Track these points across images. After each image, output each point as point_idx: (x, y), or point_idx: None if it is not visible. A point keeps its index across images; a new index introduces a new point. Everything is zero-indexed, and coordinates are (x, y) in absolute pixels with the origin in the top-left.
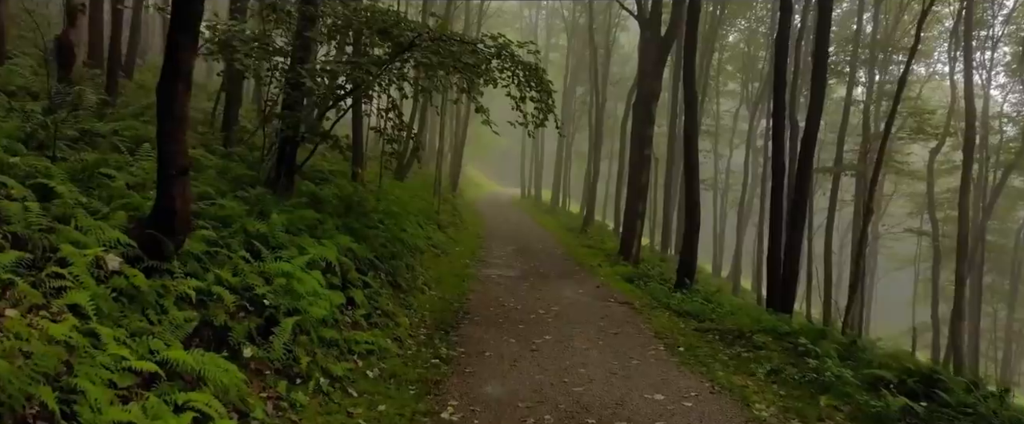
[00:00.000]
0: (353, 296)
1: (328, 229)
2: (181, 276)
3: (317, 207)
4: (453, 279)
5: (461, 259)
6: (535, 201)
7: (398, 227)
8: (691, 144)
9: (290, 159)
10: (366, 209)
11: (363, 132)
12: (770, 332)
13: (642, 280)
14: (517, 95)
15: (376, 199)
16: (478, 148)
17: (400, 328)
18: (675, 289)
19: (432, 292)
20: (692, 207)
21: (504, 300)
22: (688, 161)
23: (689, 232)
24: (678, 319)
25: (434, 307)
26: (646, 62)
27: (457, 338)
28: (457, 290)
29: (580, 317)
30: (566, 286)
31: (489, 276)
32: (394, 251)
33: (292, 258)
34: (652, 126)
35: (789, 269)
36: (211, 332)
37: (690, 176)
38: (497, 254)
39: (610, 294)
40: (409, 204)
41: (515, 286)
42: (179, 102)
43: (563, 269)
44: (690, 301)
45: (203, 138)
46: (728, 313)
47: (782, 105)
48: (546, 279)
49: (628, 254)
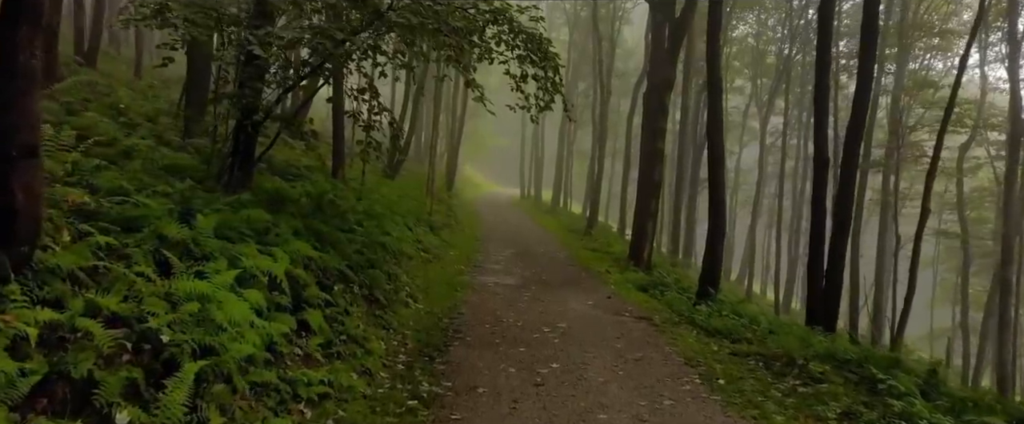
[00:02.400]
0: (308, 319)
1: (283, 234)
2: (23, 304)
3: (277, 206)
4: (444, 288)
5: (455, 264)
6: (535, 201)
7: (380, 230)
8: (716, 134)
9: (246, 149)
10: (342, 209)
11: (344, 123)
12: (827, 358)
13: (658, 289)
14: (517, 73)
15: (357, 198)
16: (476, 147)
17: (371, 357)
18: (697, 300)
19: (418, 305)
20: (717, 205)
21: (502, 314)
22: (713, 154)
23: (713, 234)
24: (708, 339)
25: (419, 324)
26: (657, 48)
27: (444, 366)
28: (448, 302)
29: (592, 337)
30: (573, 296)
31: (485, 284)
32: (372, 258)
33: (218, 273)
34: (665, 117)
35: (833, 279)
36: (68, 389)
37: (715, 171)
38: (495, 259)
39: (623, 306)
40: (397, 204)
41: (515, 296)
42: (24, 53)
43: (568, 276)
44: (718, 316)
45: (157, 129)
46: (766, 331)
47: (826, 89)
48: (549, 288)
49: (639, 259)
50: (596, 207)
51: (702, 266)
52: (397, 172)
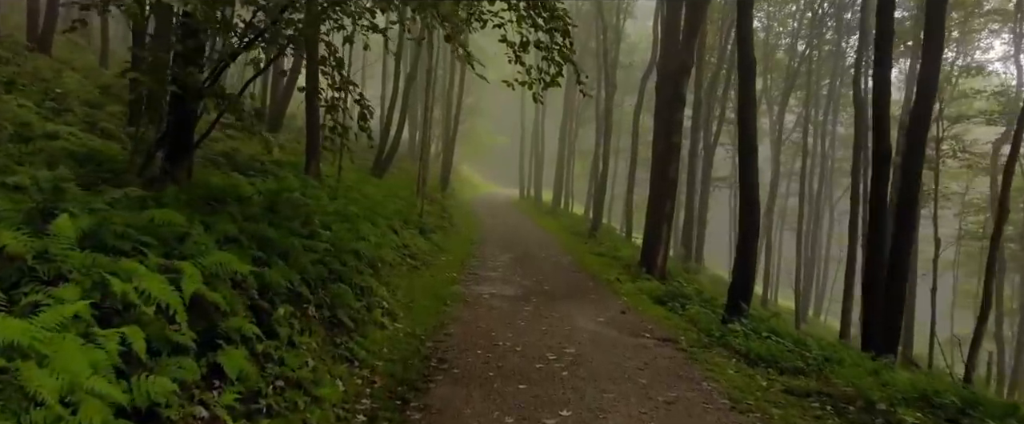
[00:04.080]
0: (222, 362)
1: (202, 241)
2: None
3: (215, 206)
4: (431, 302)
5: (446, 272)
6: (535, 202)
7: (354, 234)
8: (747, 123)
9: (178, 135)
10: (304, 210)
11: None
12: (916, 402)
13: (677, 301)
14: (516, 39)
15: (331, 197)
16: (474, 146)
17: (320, 408)
18: (727, 316)
19: (397, 325)
20: (750, 204)
21: (498, 335)
22: (744, 142)
23: (745, 238)
24: (751, 370)
25: (395, 352)
26: (670, 33)
27: (420, 416)
28: (434, 319)
29: (609, 367)
30: (581, 310)
31: (480, 296)
32: (339, 269)
33: (63, 304)
34: (682, 108)
35: (895, 291)
36: None
37: (746, 162)
38: (492, 265)
39: (642, 324)
40: (381, 205)
41: (513, 311)
42: None
43: (574, 285)
44: (756, 337)
45: (98, 116)
46: (820, 359)
47: (888, 63)
48: (553, 300)
49: (652, 265)
50: (600, 208)
51: (732, 275)
52: (386, 170)
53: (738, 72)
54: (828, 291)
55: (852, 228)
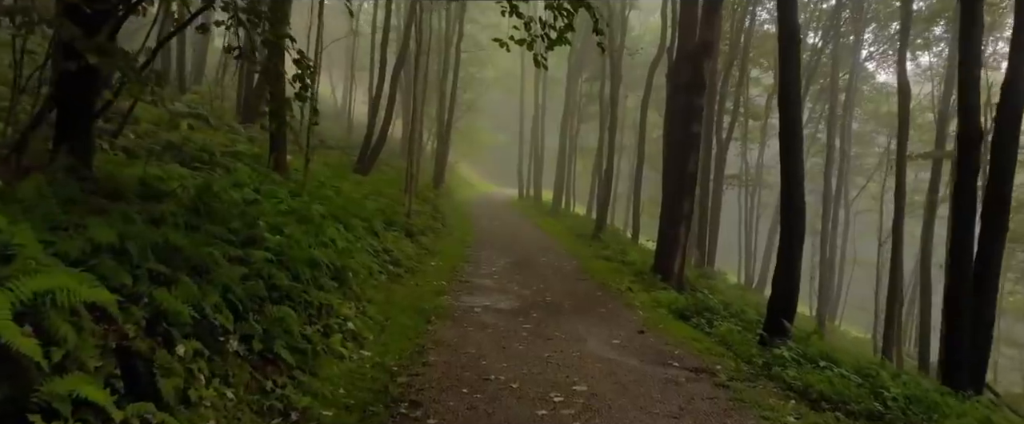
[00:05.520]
0: None
1: (26, 253)
2: None
3: (107, 204)
4: (411, 319)
5: (434, 280)
6: (535, 202)
7: (316, 239)
8: (790, 104)
9: (67, 111)
10: (254, 210)
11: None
12: None
13: (703, 316)
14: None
15: (292, 195)
16: (472, 145)
17: None
18: (767, 337)
19: (364, 352)
20: (793, 204)
21: (490, 364)
22: (786, 130)
23: (789, 244)
24: (815, 414)
25: (354, 393)
26: (688, 10)
27: None
28: (412, 343)
29: (634, 413)
30: (591, 329)
31: (471, 310)
32: (286, 285)
33: None
34: (703, 92)
35: (984, 312)
36: None
37: (790, 155)
38: (487, 270)
39: (666, 348)
40: (358, 204)
41: (510, 330)
42: None
43: (580, 295)
44: (811, 367)
45: None
46: (902, 400)
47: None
48: (557, 315)
49: (668, 272)
50: (605, 207)
51: (772, 289)
52: (372, 166)
53: (778, 44)
54: (844, 295)
55: (897, 231)
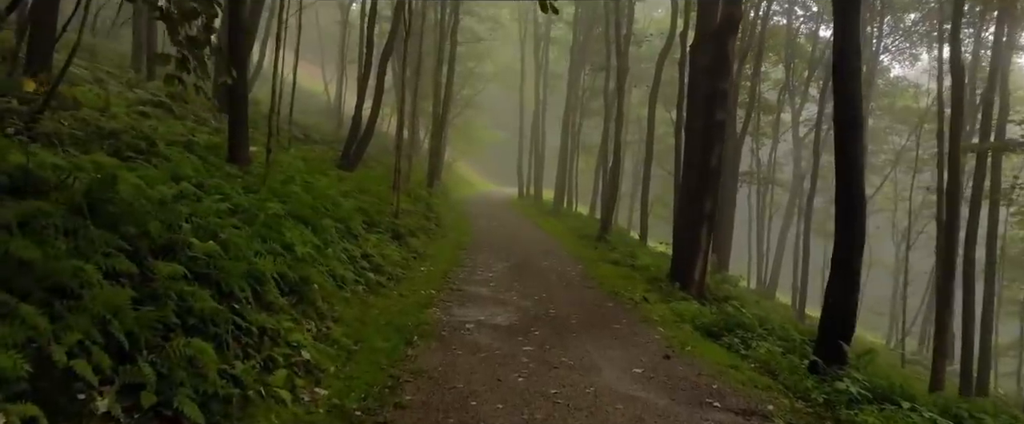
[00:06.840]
0: None
1: None
2: None
3: None
4: (388, 341)
5: (421, 289)
6: (535, 201)
7: (265, 245)
8: (848, 78)
9: None
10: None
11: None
12: None
13: (735, 334)
14: None
15: (247, 191)
16: (471, 143)
17: None
18: (819, 364)
19: (319, 391)
20: (853, 201)
21: (481, 407)
22: (843, 112)
23: (850, 251)
24: None
25: None
26: None
27: None
28: (383, 376)
29: None
30: (605, 352)
31: (461, 327)
32: (209, 308)
33: None
34: (728, 76)
35: None
36: None
37: (849, 142)
38: (483, 276)
39: (699, 380)
40: (333, 202)
41: (507, 355)
42: None
43: (589, 308)
44: (887, 407)
45: None
46: None
47: None
48: (564, 333)
49: (687, 280)
50: (612, 208)
51: (826, 304)
52: (358, 162)
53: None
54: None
55: (950, 232)
